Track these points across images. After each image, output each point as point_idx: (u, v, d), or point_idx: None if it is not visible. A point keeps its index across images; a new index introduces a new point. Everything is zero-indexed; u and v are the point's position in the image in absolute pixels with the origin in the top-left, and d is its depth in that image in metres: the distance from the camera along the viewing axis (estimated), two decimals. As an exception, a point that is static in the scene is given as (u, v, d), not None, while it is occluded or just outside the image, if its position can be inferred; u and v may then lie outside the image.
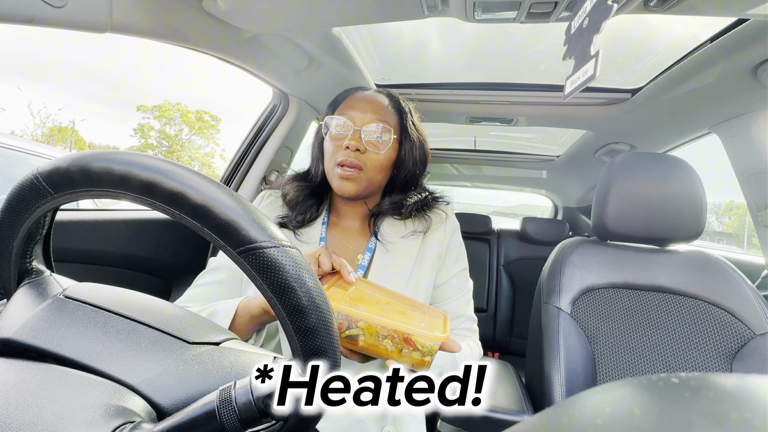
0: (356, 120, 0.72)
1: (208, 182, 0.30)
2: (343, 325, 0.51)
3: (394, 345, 0.50)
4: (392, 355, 0.50)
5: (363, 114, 0.72)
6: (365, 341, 0.51)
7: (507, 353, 2.21)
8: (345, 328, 0.51)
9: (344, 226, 0.81)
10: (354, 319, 0.50)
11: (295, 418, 0.36)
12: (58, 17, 0.58)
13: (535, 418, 0.15)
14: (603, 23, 0.45)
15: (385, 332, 0.50)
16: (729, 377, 0.15)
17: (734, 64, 0.88)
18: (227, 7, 0.78)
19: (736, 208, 38.43)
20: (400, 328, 0.49)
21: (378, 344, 0.50)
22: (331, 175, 0.73)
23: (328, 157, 0.74)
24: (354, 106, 0.74)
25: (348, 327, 0.50)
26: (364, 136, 0.71)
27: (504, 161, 2.18)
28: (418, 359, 0.50)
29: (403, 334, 0.49)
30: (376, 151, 0.72)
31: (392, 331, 0.50)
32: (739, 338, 0.84)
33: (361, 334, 0.50)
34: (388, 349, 0.50)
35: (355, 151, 0.70)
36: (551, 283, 0.96)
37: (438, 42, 1.17)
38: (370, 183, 0.74)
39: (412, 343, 0.49)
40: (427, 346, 0.49)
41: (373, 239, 0.78)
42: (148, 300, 0.39)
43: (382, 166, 0.74)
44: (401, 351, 0.50)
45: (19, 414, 0.26)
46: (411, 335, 0.49)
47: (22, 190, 0.33)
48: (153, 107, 26.22)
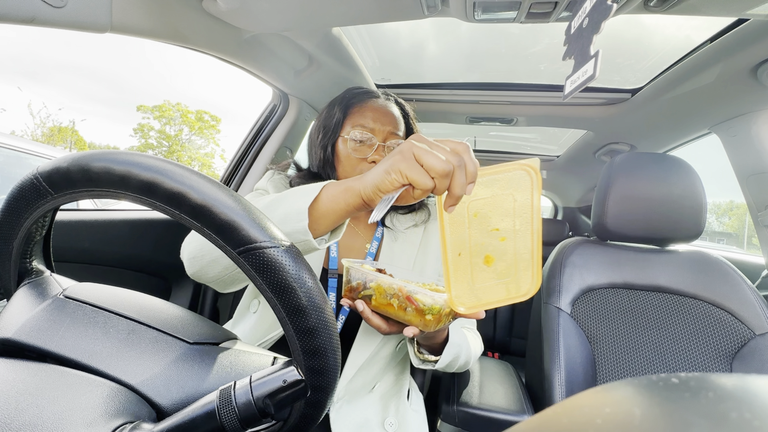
0: (378, 134, 0.76)
1: (208, 182, 0.30)
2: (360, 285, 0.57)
3: (399, 303, 0.54)
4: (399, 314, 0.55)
5: (383, 127, 0.76)
6: (376, 299, 0.56)
7: (507, 353, 2.21)
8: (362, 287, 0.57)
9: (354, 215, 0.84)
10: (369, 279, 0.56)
11: (295, 418, 0.36)
12: (58, 17, 0.58)
13: (535, 418, 0.15)
14: (603, 23, 0.45)
15: (391, 291, 0.55)
16: (729, 377, 0.15)
17: (734, 64, 0.88)
18: (227, 7, 0.78)
19: (736, 208, 38.45)
20: (403, 287, 0.54)
21: (386, 302, 0.55)
22: None
23: (349, 166, 0.77)
24: (373, 117, 0.77)
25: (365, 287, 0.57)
26: (386, 151, 0.76)
27: (504, 161, 2.18)
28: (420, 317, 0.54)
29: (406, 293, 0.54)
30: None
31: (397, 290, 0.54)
32: (739, 338, 0.84)
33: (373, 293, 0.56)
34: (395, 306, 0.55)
35: None
36: (551, 283, 0.96)
37: (438, 42, 1.17)
38: None
39: (413, 301, 0.53)
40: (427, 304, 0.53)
41: (380, 228, 0.82)
42: (148, 300, 0.39)
43: None
44: (405, 309, 0.54)
45: (19, 414, 0.26)
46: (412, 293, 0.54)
47: (22, 190, 0.33)
48: (153, 107, 26.25)
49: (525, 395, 0.93)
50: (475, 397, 0.88)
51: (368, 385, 0.75)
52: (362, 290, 0.57)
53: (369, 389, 0.76)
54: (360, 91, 0.83)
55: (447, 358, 0.65)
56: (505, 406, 0.86)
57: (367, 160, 0.75)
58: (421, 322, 0.54)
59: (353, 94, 0.82)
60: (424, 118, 1.57)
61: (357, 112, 0.78)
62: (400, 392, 0.79)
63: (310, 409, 0.35)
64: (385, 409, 0.74)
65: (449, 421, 0.87)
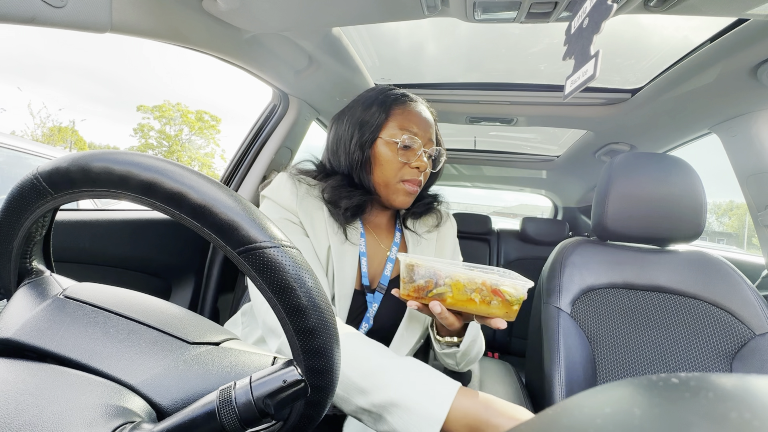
0: (422, 140, 0.75)
1: (208, 182, 0.30)
2: (431, 283, 0.52)
3: (483, 297, 0.51)
4: (480, 308, 0.52)
5: (425, 133, 0.76)
6: (453, 297, 0.52)
7: (507, 353, 2.21)
8: (433, 286, 0.52)
9: (374, 222, 0.84)
10: (441, 276, 0.52)
11: (295, 418, 0.36)
12: (58, 17, 0.58)
13: (535, 418, 0.15)
14: (603, 23, 0.45)
15: (473, 286, 0.51)
16: (729, 377, 0.15)
17: (734, 64, 0.88)
18: (227, 7, 0.78)
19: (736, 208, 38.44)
20: (488, 279, 0.51)
21: (466, 298, 0.51)
22: (393, 188, 0.75)
23: (391, 171, 0.74)
24: (418, 122, 0.76)
25: (436, 284, 0.52)
26: (426, 157, 0.76)
27: (504, 161, 2.18)
28: (506, 308, 0.51)
29: (491, 286, 0.51)
30: (432, 170, 0.81)
31: (480, 284, 0.51)
32: (739, 338, 0.84)
33: (449, 290, 0.52)
34: (477, 302, 0.51)
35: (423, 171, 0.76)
36: (551, 283, 0.96)
37: (438, 42, 1.17)
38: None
39: (500, 294, 0.50)
40: (515, 295, 0.51)
41: (398, 234, 0.83)
42: (148, 300, 0.39)
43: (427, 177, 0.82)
44: (490, 303, 0.51)
45: (19, 414, 0.26)
46: (498, 285, 0.50)
47: (22, 190, 0.33)
48: (153, 107, 26.25)
49: (525, 395, 0.93)
50: None
51: None
52: (434, 288, 0.52)
53: None
54: (397, 92, 0.79)
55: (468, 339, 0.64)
56: None
57: (411, 165, 0.74)
58: (507, 314, 0.51)
59: (392, 96, 0.77)
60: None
61: (400, 115, 0.75)
62: None
63: (310, 409, 0.35)
64: None
65: None
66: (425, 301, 0.54)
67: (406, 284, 0.55)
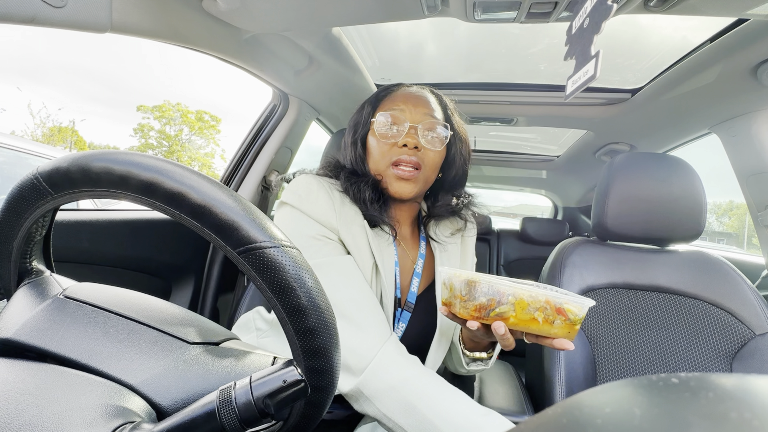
0: (409, 116, 0.68)
1: (208, 182, 0.30)
2: (493, 301, 0.49)
3: (546, 316, 0.49)
4: (543, 328, 0.49)
5: (415, 108, 0.69)
6: (516, 316, 0.49)
7: (507, 353, 2.21)
8: (495, 304, 0.49)
9: (402, 233, 0.76)
10: (505, 294, 0.49)
11: (295, 418, 0.36)
12: (58, 17, 0.58)
13: (535, 418, 0.15)
14: (603, 23, 0.45)
15: (537, 305, 0.48)
16: (729, 377, 0.15)
17: (734, 64, 0.88)
18: (227, 7, 0.78)
19: (736, 208, 38.43)
20: (552, 298, 0.48)
21: (530, 318, 0.49)
22: (386, 175, 0.69)
23: (379, 156, 0.69)
24: (404, 100, 0.70)
25: (499, 303, 0.49)
26: (420, 133, 0.67)
27: (504, 161, 2.18)
28: (569, 329, 0.49)
29: (555, 305, 0.48)
30: (434, 147, 0.68)
31: (544, 303, 0.48)
32: (739, 338, 0.84)
33: (512, 309, 0.49)
34: (540, 321, 0.49)
35: (413, 149, 0.67)
36: (551, 283, 0.96)
37: (438, 42, 1.17)
38: (426, 183, 0.71)
39: (564, 313, 0.48)
40: (579, 315, 0.49)
41: (423, 245, 0.76)
42: (148, 300, 0.39)
43: (437, 164, 0.71)
44: (553, 322, 0.49)
45: (19, 414, 0.26)
46: (562, 304, 0.48)
47: (22, 190, 0.33)
48: (153, 107, 26.25)
49: (525, 395, 0.93)
50: (475, 397, 0.88)
51: None
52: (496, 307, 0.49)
53: None
54: (390, 85, 0.76)
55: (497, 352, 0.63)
56: (505, 406, 0.86)
57: (398, 144, 0.67)
58: (569, 334, 0.49)
59: (383, 89, 0.76)
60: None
61: (386, 100, 0.72)
62: None
63: (310, 409, 0.35)
64: None
65: None
66: (487, 321, 0.50)
67: (466, 302, 0.51)
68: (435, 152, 0.69)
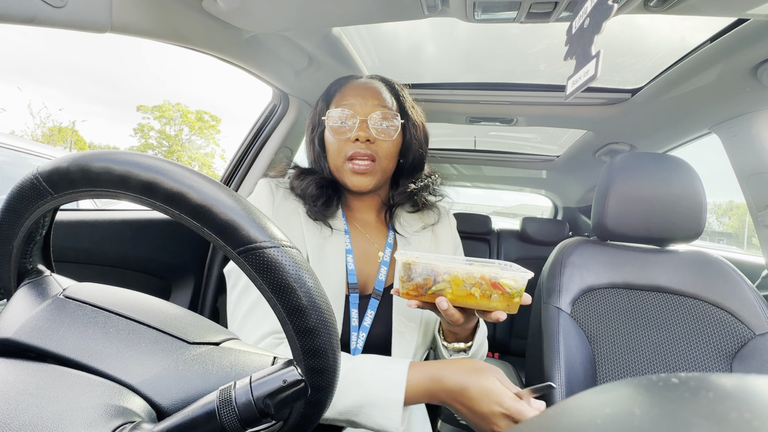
0: (359, 109, 0.69)
1: (208, 182, 0.30)
2: (429, 280, 0.51)
3: (482, 292, 0.50)
4: (481, 303, 0.51)
5: (365, 101, 0.70)
6: (453, 293, 0.51)
7: (507, 353, 2.21)
8: (431, 283, 0.51)
9: (361, 219, 0.79)
10: (440, 273, 0.51)
11: (295, 418, 0.36)
12: (58, 17, 0.58)
13: (535, 418, 0.15)
14: (604, 23, 0.45)
15: (472, 281, 0.50)
16: (729, 377, 0.15)
17: (734, 64, 0.88)
18: (227, 7, 0.78)
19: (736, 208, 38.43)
20: (487, 274, 0.50)
21: (466, 293, 0.50)
22: (342, 171, 0.70)
23: (334, 152, 0.71)
24: (353, 94, 0.71)
25: (434, 281, 0.51)
26: (371, 125, 0.69)
27: (504, 161, 2.18)
28: (507, 302, 0.50)
29: (491, 279, 0.50)
30: (387, 138, 0.70)
31: (479, 278, 0.50)
32: (739, 338, 0.84)
33: (448, 286, 0.51)
34: (477, 297, 0.50)
35: (366, 142, 0.68)
36: (551, 283, 0.96)
37: (438, 42, 1.17)
38: (384, 173, 0.73)
39: (501, 287, 0.50)
40: (516, 287, 0.50)
41: (391, 234, 0.77)
42: (148, 300, 0.39)
43: (393, 153, 0.73)
44: (490, 297, 0.50)
45: (19, 414, 0.26)
46: (498, 279, 0.49)
47: (22, 190, 0.33)
48: (153, 107, 26.25)
49: None
50: None
51: None
52: (432, 285, 0.51)
53: None
54: (342, 77, 0.78)
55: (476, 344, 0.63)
56: None
57: (351, 139, 0.68)
58: (508, 307, 0.51)
59: (335, 82, 0.77)
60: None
61: (337, 95, 0.73)
62: None
63: (310, 408, 0.35)
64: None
65: (449, 422, 0.87)
66: (426, 299, 0.53)
67: (405, 283, 0.54)
68: (389, 142, 0.71)
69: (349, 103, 0.69)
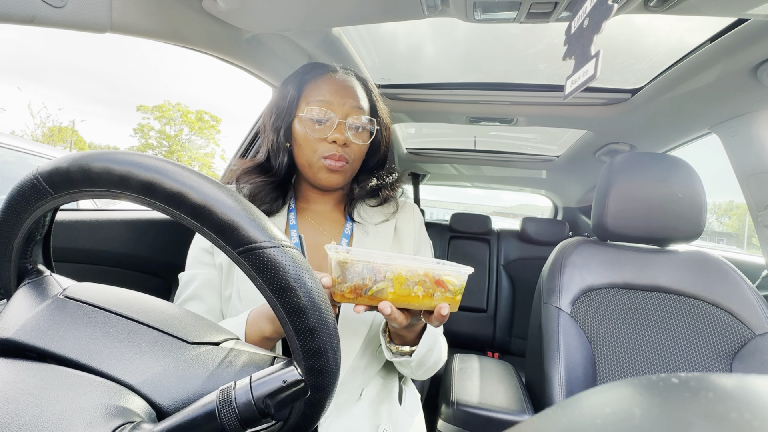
0: (338, 110, 0.69)
1: (208, 182, 0.30)
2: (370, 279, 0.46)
3: (425, 290, 0.47)
4: (423, 302, 0.48)
5: (343, 101, 0.70)
6: (395, 293, 0.47)
7: (507, 353, 2.21)
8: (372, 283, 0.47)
9: (315, 210, 0.78)
10: (380, 271, 0.46)
11: (294, 418, 0.36)
12: (58, 17, 0.58)
13: (535, 418, 0.15)
14: (603, 23, 0.45)
15: (416, 278, 0.47)
16: (729, 377, 0.15)
17: (734, 64, 0.88)
18: (227, 7, 0.78)
19: (736, 208, 38.45)
20: (431, 270, 0.47)
21: (409, 293, 0.47)
22: (315, 167, 0.70)
23: (309, 149, 0.70)
24: (331, 91, 0.70)
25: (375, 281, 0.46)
26: (347, 126, 0.69)
27: (504, 161, 2.18)
28: (449, 301, 0.48)
29: (435, 277, 0.47)
30: (361, 142, 0.72)
31: (423, 275, 0.47)
32: (739, 338, 0.84)
33: (390, 286, 0.47)
34: (420, 296, 0.47)
35: (342, 145, 0.69)
36: (551, 283, 0.96)
37: (438, 42, 1.17)
38: (353, 172, 0.75)
39: (444, 284, 0.47)
40: (458, 285, 0.48)
41: (348, 224, 0.76)
42: (148, 300, 0.39)
43: (363, 154, 0.75)
44: (433, 295, 0.47)
45: (19, 414, 0.26)
46: (441, 276, 0.47)
47: (22, 190, 0.33)
48: (153, 107, 26.24)
49: (525, 395, 0.93)
50: (475, 397, 0.88)
51: (355, 394, 0.69)
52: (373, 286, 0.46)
53: (356, 398, 0.70)
54: (315, 64, 0.76)
55: (423, 348, 0.60)
56: (505, 406, 0.86)
57: (327, 140, 0.68)
58: (450, 306, 0.48)
59: (308, 69, 0.75)
60: (424, 118, 1.57)
61: (313, 88, 0.71)
62: (390, 396, 0.74)
63: (309, 409, 0.35)
64: (377, 416, 0.69)
65: (449, 422, 0.87)
66: (365, 301, 0.48)
67: (340, 284, 0.47)
68: (361, 145, 0.73)
69: (326, 100, 0.69)
